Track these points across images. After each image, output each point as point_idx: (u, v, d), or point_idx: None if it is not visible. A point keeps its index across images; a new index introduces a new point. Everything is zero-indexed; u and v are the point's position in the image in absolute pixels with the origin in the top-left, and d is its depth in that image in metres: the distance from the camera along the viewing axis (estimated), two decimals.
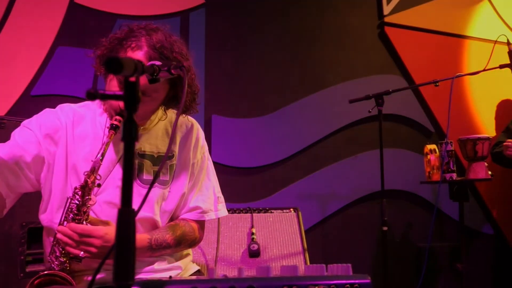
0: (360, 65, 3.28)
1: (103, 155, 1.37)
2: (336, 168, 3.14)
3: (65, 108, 1.56)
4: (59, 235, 1.36)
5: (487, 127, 3.41)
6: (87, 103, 1.59)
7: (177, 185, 1.59)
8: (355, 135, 3.19)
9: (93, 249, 1.37)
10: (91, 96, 0.80)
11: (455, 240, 3.16)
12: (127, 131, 0.81)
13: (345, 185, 3.14)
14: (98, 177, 1.38)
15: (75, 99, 2.15)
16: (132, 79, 0.87)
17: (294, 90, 3.15)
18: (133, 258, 0.78)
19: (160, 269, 1.57)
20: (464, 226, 2.93)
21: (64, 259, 1.39)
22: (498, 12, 3.58)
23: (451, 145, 2.74)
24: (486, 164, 2.72)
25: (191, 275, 1.66)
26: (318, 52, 3.22)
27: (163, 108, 1.58)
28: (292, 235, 2.65)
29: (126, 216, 0.78)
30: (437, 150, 2.78)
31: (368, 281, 1.04)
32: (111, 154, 1.50)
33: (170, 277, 1.00)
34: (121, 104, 1.41)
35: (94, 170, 1.37)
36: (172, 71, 1.31)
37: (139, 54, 1.43)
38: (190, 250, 1.72)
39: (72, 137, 1.51)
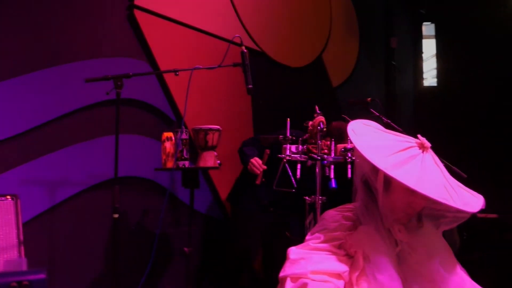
0: (104, 45, 3.09)
1: None
2: (70, 152, 2.89)
3: None
4: None
5: (222, 119, 3.68)
6: None
7: None
8: (93, 118, 2.99)
9: None
10: None
11: (188, 225, 3.31)
12: None
13: (79, 170, 2.92)
14: None
15: None
16: None
17: (23, 61, 2.73)
18: None
19: None
20: (195, 211, 3.09)
21: None
22: (238, 13, 3.91)
23: (186, 134, 2.85)
24: (215, 153, 2.92)
25: None
26: (57, 23, 2.88)
27: None
28: (6, 226, 2.34)
29: None
30: (173, 138, 2.84)
31: (42, 276, 0.93)
32: None
33: None
34: None
35: None
36: None
37: None
38: None
39: None
